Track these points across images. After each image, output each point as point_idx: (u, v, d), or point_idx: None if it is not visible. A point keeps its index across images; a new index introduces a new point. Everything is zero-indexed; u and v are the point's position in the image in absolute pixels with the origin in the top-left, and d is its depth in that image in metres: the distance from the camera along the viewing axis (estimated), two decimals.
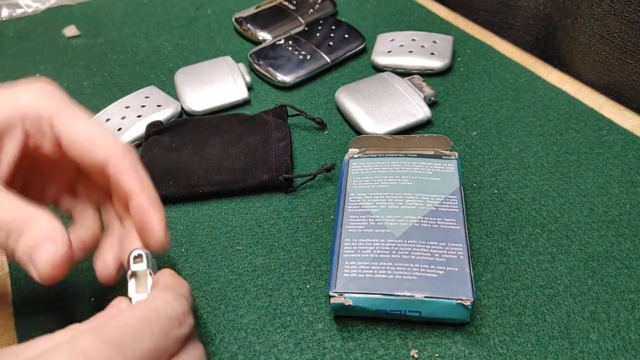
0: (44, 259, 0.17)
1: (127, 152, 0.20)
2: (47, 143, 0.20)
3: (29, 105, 0.19)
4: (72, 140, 0.19)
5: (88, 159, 0.20)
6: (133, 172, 0.20)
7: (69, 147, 0.20)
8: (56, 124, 0.19)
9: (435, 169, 0.29)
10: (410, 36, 0.41)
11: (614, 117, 0.35)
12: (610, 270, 0.26)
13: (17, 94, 0.19)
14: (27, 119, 0.19)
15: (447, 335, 0.24)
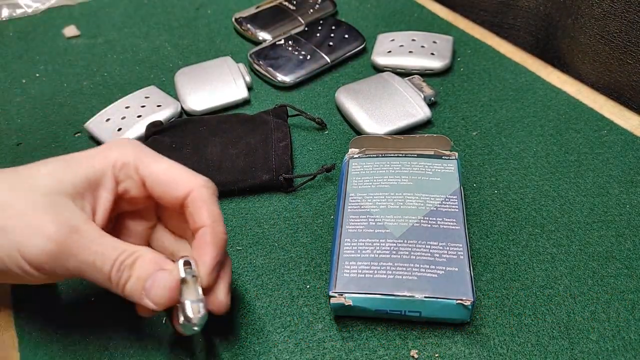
0: (159, 286, 0.19)
1: (204, 187, 0.22)
2: (133, 186, 0.22)
3: (116, 155, 0.22)
4: (155, 180, 0.22)
5: (169, 194, 0.22)
6: (206, 204, 0.21)
7: (153, 186, 0.22)
8: (140, 167, 0.22)
9: (435, 169, 0.29)
10: (410, 36, 0.41)
11: (614, 118, 0.35)
12: (610, 270, 0.26)
13: (106, 149, 0.22)
14: (115, 167, 0.22)
15: (447, 336, 0.24)
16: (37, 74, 0.42)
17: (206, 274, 0.21)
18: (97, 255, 0.19)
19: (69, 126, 0.37)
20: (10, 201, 0.20)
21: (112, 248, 0.20)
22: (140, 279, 0.20)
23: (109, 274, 0.20)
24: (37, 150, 0.35)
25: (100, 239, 0.20)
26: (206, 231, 0.21)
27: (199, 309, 0.20)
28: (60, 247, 0.19)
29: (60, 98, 0.39)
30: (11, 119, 0.38)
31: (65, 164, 0.21)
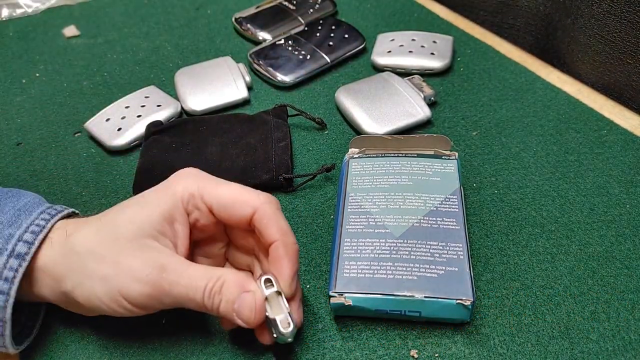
0: (246, 307, 0.21)
1: (268, 203, 0.23)
2: (202, 215, 0.23)
3: (182, 189, 0.23)
4: (220, 205, 0.23)
5: (236, 216, 0.23)
6: (273, 220, 0.23)
7: (220, 211, 0.23)
8: (205, 196, 0.23)
9: (435, 169, 0.29)
10: (410, 36, 0.41)
11: (613, 117, 0.35)
12: (610, 270, 0.26)
13: (171, 184, 0.23)
14: (183, 200, 0.23)
15: (447, 335, 0.24)
16: (37, 74, 0.42)
17: (286, 286, 0.22)
18: (188, 289, 0.21)
19: (69, 126, 0.37)
20: (103, 252, 0.21)
21: (200, 278, 0.21)
22: (229, 302, 0.21)
23: (202, 302, 0.21)
24: (37, 150, 0.35)
25: (187, 271, 0.21)
26: (278, 245, 0.23)
27: (288, 322, 0.21)
28: (155, 287, 0.21)
29: (60, 98, 0.39)
30: (11, 119, 0.38)
31: (139, 208, 0.23)
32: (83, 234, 0.22)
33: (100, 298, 0.21)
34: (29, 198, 0.24)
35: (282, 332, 0.21)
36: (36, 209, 0.23)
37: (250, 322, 0.21)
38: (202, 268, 0.22)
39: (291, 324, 0.21)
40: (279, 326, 0.21)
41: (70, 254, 0.22)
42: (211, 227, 0.24)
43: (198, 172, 0.24)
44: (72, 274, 0.22)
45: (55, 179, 0.33)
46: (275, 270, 0.22)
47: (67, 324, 0.25)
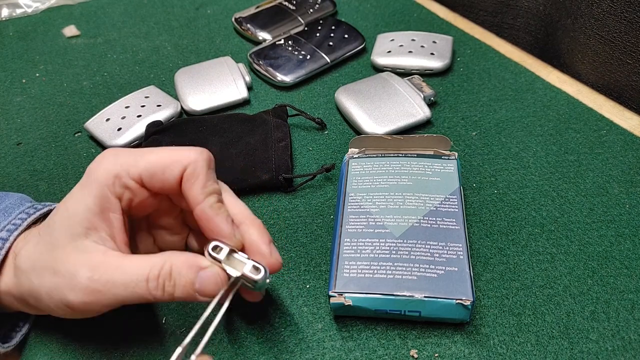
0: (210, 284, 0.20)
1: (196, 161, 0.21)
2: (135, 192, 0.21)
3: (104, 173, 0.21)
4: (149, 173, 0.21)
5: (168, 181, 0.21)
6: (199, 179, 0.21)
7: (150, 181, 0.21)
8: (131, 170, 0.21)
9: (435, 169, 0.29)
10: (410, 36, 0.41)
11: (613, 117, 0.35)
12: (609, 270, 0.26)
13: (91, 173, 0.21)
14: (109, 185, 0.21)
15: (446, 335, 0.24)
16: (37, 74, 0.42)
17: (231, 238, 0.21)
18: (127, 285, 0.20)
19: (69, 126, 0.37)
20: (43, 264, 0.21)
21: (138, 269, 0.20)
22: (186, 286, 0.20)
23: (148, 293, 0.20)
24: (37, 150, 0.35)
25: (121, 267, 0.20)
26: (203, 207, 0.21)
27: (256, 267, 0.20)
28: (89, 292, 0.20)
29: (60, 98, 0.39)
30: (11, 119, 0.38)
31: (65, 208, 0.21)
32: (26, 249, 0.21)
33: (56, 311, 0.21)
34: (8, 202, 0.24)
35: (255, 280, 0.20)
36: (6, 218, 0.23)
37: (216, 295, 0.20)
38: (139, 258, 0.20)
39: (260, 267, 0.20)
40: (251, 276, 0.20)
41: (19, 274, 0.21)
42: (151, 202, 0.22)
43: (117, 150, 0.22)
44: (27, 292, 0.21)
45: (55, 179, 0.33)
46: (213, 232, 0.21)
47: (67, 323, 0.25)
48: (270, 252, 0.21)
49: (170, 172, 0.21)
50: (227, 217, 0.21)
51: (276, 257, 0.22)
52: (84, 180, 0.21)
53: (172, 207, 0.23)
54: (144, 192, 0.22)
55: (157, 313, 0.26)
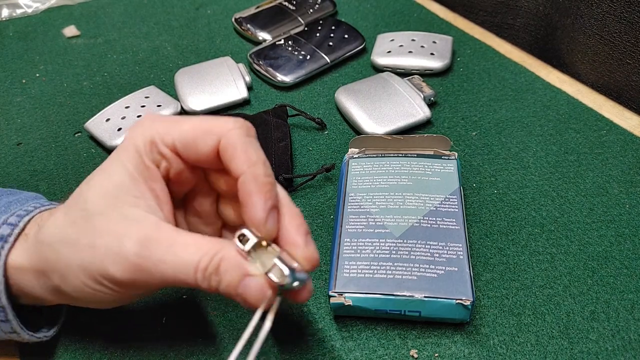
0: (252, 294, 0.18)
1: (235, 129, 0.19)
2: (171, 161, 0.20)
3: (141, 139, 0.19)
4: (183, 141, 0.19)
5: (202, 151, 0.19)
6: (239, 149, 0.19)
7: (184, 150, 0.19)
8: (166, 137, 0.19)
9: (435, 169, 0.29)
10: (410, 36, 0.41)
11: (613, 117, 0.35)
12: (609, 270, 0.26)
13: (130, 140, 0.20)
14: (146, 152, 0.19)
15: (446, 335, 0.24)
16: (37, 74, 0.42)
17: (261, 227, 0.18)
18: (176, 269, 0.18)
19: (69, 126, 0.37)
20: (76, 236, 0.19)
21: (191, 254, 0.18)
22: (230, 286, 0.18)
23: (195, 283, 0.18)
24: (37, 150, 0.35)
25: (174, 245, 0.18)
26: (245, 179, 0.18)
27: (280, 271, 0.18)
28: (137, 268, 0.18)
29: (60, 98, 0.39)
30: (11, 119, 0.38)
31: (106, 176, 0.19)
32: (52, 221, 0.19)
33: (86, 284, 0.19)
34: (25, 195, 0.23)
35: (282, 284, 0.18)
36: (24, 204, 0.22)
37: (259, 305, 0.18)
38: (193, 239, 0.18)
39: (284, 270, 0.18)
40: (275, 280, 0.18)
41: (42, 247, 0.19)
42: (188, 176, 0.20)
43: (154, 116, 0.20)
44: (53, 266, 0.19)
45: (55, 179, 0.33)
46: (246, 213, 0.18)
47: (67, 324, 0.25)
48: (305, 243, 0.19)
49: (203, 143, 0.19)
50: (269, 198, 0.18)
51: (312, 250, 0.19)
52: (122, 146, 0.20)
53: (209, 191, 0.21)
54: (179, 163, 0.20)
55: (156, 312, 0.26)
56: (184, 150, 0.19)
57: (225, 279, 0.18)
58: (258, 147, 0.19)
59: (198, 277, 0.18)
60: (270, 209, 0.19)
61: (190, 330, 0.25)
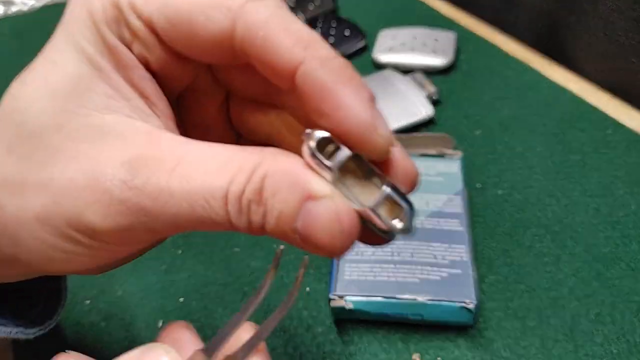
0: (324, 232, 0.11)
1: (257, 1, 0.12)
2: (148, 44, 0.12)
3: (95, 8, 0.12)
4: (168, 15, 0.12)
5: (202, 34, 0.12)
6: (277, 28, 0.11)
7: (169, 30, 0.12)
8: (138, 4, 0.12)
9: (438, 168, 0.28)
10: (412, 33, 0.41)
11: (618, 117, 0.34)
12: (615, 272, 0.26)
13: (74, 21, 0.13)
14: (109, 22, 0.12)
15: (450, 339, 0.24)
16: None
17: (373, 137, 0.11)
18: (191, 199, 0.11)
19: None
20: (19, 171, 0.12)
21: (213, 173, 0.11)
22: (282, 219, 0.11)
23: (224, 218, 0.11)
24: None
25: (183, 165, 0.11)
26: (310, 68, 0.11)
27: (397, 204, 0.11)
28: (132, 214, 0.11)
29: None
30: None
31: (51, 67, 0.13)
32: None
33: (49, 243, 0.12)
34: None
35: (393, 227, 0.11)
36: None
37: (334, 251, 0.11)
38: (215, 150, 0.11)
39: (404, 205, 0.11)
40: (382, 221, 0.11)
41: None
42: (177, 72, 0.13)
43: None
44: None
45: None
46: (326, 115, 0.11)
47: (64, 326, 0.25)
48: (400, 152, 0.12)
49: (204, 24, 0.11)
50: (362, 87, 0.12)
51: (410, 162, 0.12)
52: (67, 19, 0.13)
53: (214, 90, 0.14)
54: (161, 51, 0.12)
55: (153, 315, 0.25)
56: (171, 33, 0.12)
57: (274, 207, 0.11)
58: (300, 21, 0.12)
59: (230, 211, 0.11)
60: (370, 103, 0.11)
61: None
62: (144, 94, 0.12)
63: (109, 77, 0.12)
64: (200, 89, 0.14)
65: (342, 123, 0.11)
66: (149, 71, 0.13)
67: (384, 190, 0.11)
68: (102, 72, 0.12)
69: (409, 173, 0.12)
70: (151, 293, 0.26)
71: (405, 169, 0.12)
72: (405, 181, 0.12)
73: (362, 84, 0.12)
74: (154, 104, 0.13)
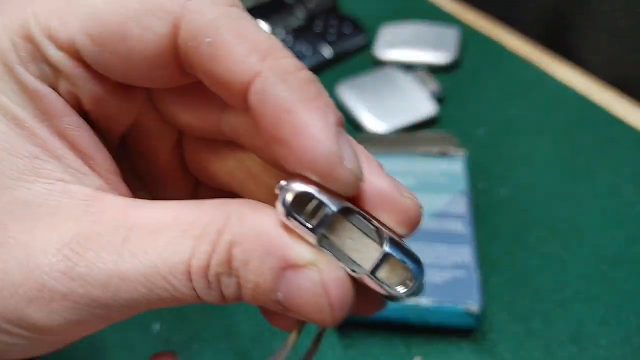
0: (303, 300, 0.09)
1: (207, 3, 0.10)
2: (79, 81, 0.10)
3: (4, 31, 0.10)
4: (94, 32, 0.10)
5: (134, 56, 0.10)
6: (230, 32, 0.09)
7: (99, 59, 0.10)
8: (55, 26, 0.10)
9: (442, 168, 0.28)
10: (414, 29, 0.40)
11: (625, 116, 0.34)
12: (621, 273, 0.26)
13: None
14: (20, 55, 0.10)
15: (453, 342, 0.23)
16: None
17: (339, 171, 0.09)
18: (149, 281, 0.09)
19: None
20: None
21: (171, 246, 0.09)
22: (259, 295, 0.10)
23: (193, 295, 0.10)
24: None
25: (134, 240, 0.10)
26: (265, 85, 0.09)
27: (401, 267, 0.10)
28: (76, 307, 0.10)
29: None
30: None
31: None
32: None
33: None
34: None
35: (398, 295, 0.10)
36: None
37: (327, 324, 0.10)
38: (171, 212, 0.10)
39: (410, 266, 0.10)
40: (383, 288, 0.10)
41: None
42: (116, 108, 0.11)
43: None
44: None
45: None
46: (283, 142, 0.09)
47: None
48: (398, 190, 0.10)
49: (139, 35, 0.10)
50: (327, 108, 0.10)
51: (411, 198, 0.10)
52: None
53: (162, 129, 0.12)
54: (92, 82, 0.10)
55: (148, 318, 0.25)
56: (101, 56, 0.10)
57: (248, 279, 0.09)
58: (258, 25, 0.10)
59: (197, 287, 0.10)
60: (338, 129, 0.10)
61: (189, 334, 0.24)
62: (78, 147, 0.10)
63: (33, 134, 0.10)
64: (147, 128, 0.12)
65: (302, 152, 0.09)
66: (82, 113, 0.11)
67: (383, 249, 0.10)
68: (24, 128, 0.10)
69: (407, 210, 0.10)
70: None
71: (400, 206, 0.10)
72: (404, 222, 0.10)
73: (329, 104, 0.10)
74: (91, 158, 0.10)
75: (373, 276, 0.10)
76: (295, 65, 0.10)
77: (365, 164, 0.10)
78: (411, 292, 0.10)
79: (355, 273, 0.10)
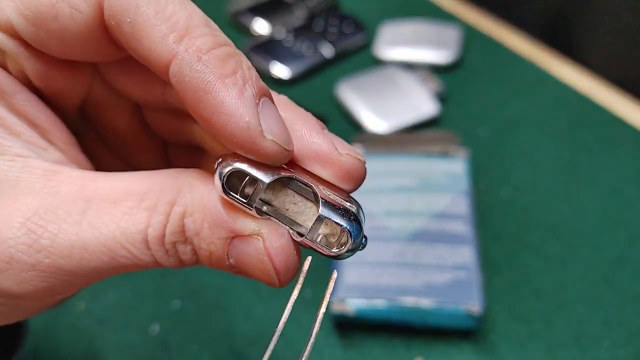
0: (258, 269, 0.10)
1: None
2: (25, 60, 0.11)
3: None
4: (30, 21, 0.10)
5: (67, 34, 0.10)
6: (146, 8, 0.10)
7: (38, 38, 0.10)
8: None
9: (443, 168, 0.28)
10: (415, 28, 0.40)
11: (626, 115, 0.34)
12: (622, 274, 0.25)
13: None
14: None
15: (454, 343, 0.23)
16: None
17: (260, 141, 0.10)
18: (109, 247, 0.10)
19: None
20: None
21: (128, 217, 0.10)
22: (213, 260, 0.10)
23: (150, 261, 0.10)
24: None
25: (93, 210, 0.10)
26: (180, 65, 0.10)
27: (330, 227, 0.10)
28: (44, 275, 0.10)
29: None
30: None
31: None
32: None
33: None
34: None
35: (336, 254, 0.11)
36: None
37: (277, 286, 0.11)
38: (126, 184, 0.10)
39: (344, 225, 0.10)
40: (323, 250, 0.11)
41: None
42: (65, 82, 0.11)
43: None
44: None
45: None
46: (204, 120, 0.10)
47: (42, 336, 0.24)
48: (334, 148, 0.11)
49: (69, 13, 0.10)
50: (243, 81, 0.10)
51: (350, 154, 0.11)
52: None
53: (117, 97, 0.12)
54: (34, 61, 0.11)
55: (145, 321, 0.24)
56: (36, 35, 0.10)
57: (201, 247, 0.10)
58: (181, 1, 0.10)
59: (156, 254, 0.10)
60: (258, 100, 0.10)
61: (187, 335, 0.24)
62: (34, 122, 0.11)
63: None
64: (101, 100, 0.12)
65: (221, 130, 0.09)
66: (33, 90, 0.11)
67: (319, 212, 0.10)
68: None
69: (344, 166, 0.11)
70: (146, 297, 0.25)
71: (337, 162, 0.10)
72: (344, 177, 0.11)
73: (248, 77, 0.10)
74: (48, 132, 0.11)
75: (309, 239, 0.11)
76: (213, 42, 0.10)
77: (300, 127, 0.11)
78: (348, 250, 0.11)
79: (297, 236, 0.11)
